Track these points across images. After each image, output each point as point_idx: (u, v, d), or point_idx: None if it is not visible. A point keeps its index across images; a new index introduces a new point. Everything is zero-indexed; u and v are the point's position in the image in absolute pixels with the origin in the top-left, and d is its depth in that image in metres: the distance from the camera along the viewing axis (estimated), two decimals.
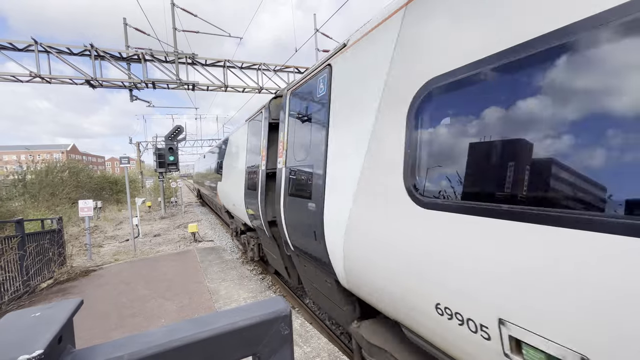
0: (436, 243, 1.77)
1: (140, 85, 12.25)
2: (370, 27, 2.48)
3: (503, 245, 1.43)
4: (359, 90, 2.58)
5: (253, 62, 13.54)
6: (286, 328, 0.70)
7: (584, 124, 1.23)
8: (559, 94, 1.29)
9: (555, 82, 1.29)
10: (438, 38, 1.82)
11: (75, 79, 11.20)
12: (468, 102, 1.67)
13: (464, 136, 1.67)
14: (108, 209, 20.20)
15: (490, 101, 1.55)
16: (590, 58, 1.18)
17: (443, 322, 1.75)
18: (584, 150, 1.20)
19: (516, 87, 1.43)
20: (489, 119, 1.55)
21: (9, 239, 5.81)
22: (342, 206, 2.65)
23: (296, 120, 3.88)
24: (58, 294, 6.01)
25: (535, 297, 1.31)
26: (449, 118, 1.77)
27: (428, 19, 1.91)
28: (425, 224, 1.84)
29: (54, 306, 0.57)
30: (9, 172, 16.60)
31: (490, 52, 1.52)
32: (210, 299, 5.39)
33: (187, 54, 12.44)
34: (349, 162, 2.61)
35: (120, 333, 4.37)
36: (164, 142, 17.76)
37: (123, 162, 9.27)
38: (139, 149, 27.43)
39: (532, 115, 1.36)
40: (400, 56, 2.12)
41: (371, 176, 2.34)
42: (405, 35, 2.09)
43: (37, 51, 10.41)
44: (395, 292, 2.13)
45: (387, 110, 2.21)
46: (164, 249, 9.57)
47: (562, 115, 1.27)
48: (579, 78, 1.23)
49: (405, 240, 1.99)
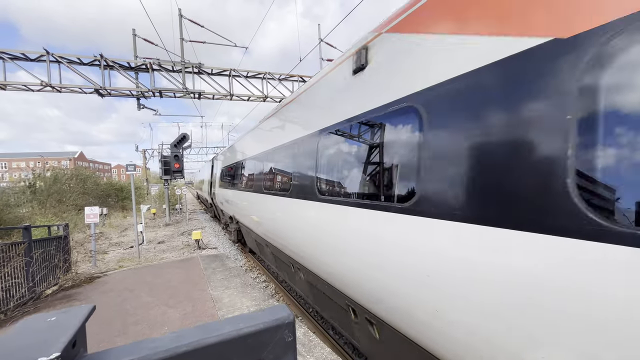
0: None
1: (147, 94, 12.50)
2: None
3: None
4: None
5: (258, 71, 13.75)
6: (290, 335, 0.72)
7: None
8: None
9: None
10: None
11: (84, 88, 11.47)
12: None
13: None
14: (113, 215, 20.37)
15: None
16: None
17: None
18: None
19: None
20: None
21: (16, 245, 5.88)
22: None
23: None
24: (63, 300, 6.04)
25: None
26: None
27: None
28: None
29: (68, 311, 0.59)
30: (19, 179, 16.85)
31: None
32: (213, 306, 5.38)
33: (193, 64, 12.69)
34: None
35: (124, 339, 4.37)
36: (170, 149, 17.98)
37: (129, 169, 9.39)
38: (144, 156, 27.77)
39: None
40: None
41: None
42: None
43: (48, 61, 10.70)
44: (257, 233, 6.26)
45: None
46: (168, 256, 9.60)
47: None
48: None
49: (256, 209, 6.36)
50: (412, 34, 2.19)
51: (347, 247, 2.80)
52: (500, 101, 1.58)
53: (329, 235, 3.23)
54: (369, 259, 2.49)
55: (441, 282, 1.86)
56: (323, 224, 3.43)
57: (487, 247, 1.63)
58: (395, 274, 2.21)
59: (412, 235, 2.08)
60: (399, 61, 2.31)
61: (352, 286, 2.83)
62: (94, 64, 11.44)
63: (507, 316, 1.52)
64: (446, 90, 1.87)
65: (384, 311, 2.45)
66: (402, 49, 2.28)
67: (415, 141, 2.09)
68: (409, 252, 2.10)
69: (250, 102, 14.32)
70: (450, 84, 1.84)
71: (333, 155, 3.31)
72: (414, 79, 2.13)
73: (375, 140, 2.57)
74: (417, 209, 2.05)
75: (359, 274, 2.65)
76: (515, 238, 1.50)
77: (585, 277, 1.23)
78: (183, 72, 12.59)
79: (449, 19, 1.91)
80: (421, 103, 2.04)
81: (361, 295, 2.72)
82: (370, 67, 2.66)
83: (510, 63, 1.53)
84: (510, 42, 1.54)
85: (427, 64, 2.05)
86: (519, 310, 1.47)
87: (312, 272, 3.96)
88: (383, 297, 2.38)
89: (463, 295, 1.73)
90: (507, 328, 1.52)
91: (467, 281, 1.71)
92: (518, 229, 1.49)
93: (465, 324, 1.74)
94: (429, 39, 2.04)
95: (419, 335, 2.12)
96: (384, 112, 2.40)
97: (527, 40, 1.46)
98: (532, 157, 1.44)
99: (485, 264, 1.63)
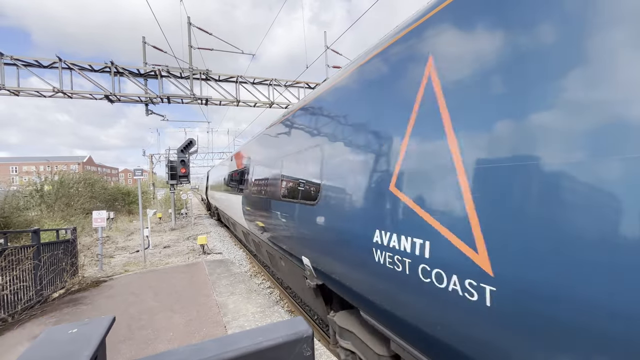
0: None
1: (156, 100, 12.68)
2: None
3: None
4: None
5: (265, 77, 13.88)
6: (308, 349, 0.70)
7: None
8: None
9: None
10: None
11: (95, 94, 11.68)
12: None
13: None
14: (120, 219, 20.54)
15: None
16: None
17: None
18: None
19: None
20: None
21: (25, 249, 5.95)
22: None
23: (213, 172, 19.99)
24: (69, 304, 6.07)
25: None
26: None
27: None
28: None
29: (89, 323, 0.59)
30: (28, 183, 17.11)
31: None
32: (218, 312, 5.36)
33: (201, 70, 12.87)
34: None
35: (129, 345, 4.36)
36: (176, 154, 18.16)
37: (137, 174, 9.49)
38: (151, 161, 28.06)
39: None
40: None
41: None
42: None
43: (60, 68, 10.94)
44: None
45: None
46: (173, 261, 9.62)
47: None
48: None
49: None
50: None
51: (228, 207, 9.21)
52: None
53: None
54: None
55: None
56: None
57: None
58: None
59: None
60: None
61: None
62: (104, 70, 11.67)
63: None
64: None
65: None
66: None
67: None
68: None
69: (256, 107, 14.44)
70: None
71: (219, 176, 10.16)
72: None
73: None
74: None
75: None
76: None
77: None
78: (191, 79, 12.77)
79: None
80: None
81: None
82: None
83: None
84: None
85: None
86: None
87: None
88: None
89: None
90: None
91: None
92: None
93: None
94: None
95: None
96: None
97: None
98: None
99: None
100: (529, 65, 1.35)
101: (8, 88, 10.61)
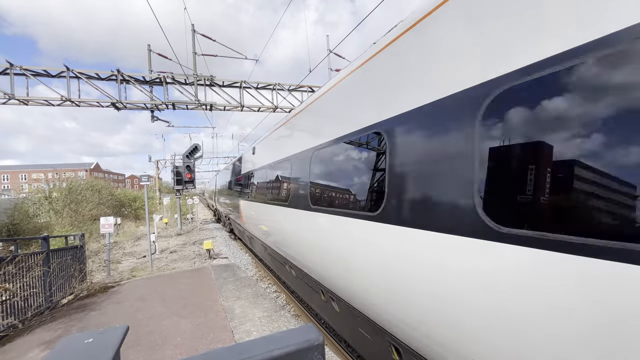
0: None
1: (161, 107, 12.83)
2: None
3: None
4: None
5: (268, 82, 13.99)
6: (319, 357, 0.70)
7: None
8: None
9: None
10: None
11: (101, 102, 11.86)
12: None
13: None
14: (127, 225, 20.72)
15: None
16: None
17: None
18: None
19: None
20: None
21: (35, 255, 6.03)
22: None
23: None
24: (78, 310, 6.13)
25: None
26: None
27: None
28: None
29: (104, 332, 0.60)
30: (36, 191, 17.37)
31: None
32: (225, 317, 5.36)
33: (205, 76, 13.01)
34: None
35: (137, 351, 4.38)
36: (182, 160, 18.32)
37: (143, 180, 9.59)
38: (157, 167, 28.33)
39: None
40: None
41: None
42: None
43: (68, 77, 11.14)
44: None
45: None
46: (179, 266, 9.67)
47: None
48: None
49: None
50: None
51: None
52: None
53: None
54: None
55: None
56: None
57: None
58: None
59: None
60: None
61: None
62: (111, 78, 11.85)
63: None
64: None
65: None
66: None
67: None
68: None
69: (260, 112, 14.54)
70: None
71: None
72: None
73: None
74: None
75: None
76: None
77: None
78: (195, 85, 12.91)
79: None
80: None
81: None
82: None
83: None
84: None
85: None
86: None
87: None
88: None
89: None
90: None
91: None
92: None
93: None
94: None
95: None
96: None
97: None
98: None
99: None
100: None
101: (18, 98, 10.83)
